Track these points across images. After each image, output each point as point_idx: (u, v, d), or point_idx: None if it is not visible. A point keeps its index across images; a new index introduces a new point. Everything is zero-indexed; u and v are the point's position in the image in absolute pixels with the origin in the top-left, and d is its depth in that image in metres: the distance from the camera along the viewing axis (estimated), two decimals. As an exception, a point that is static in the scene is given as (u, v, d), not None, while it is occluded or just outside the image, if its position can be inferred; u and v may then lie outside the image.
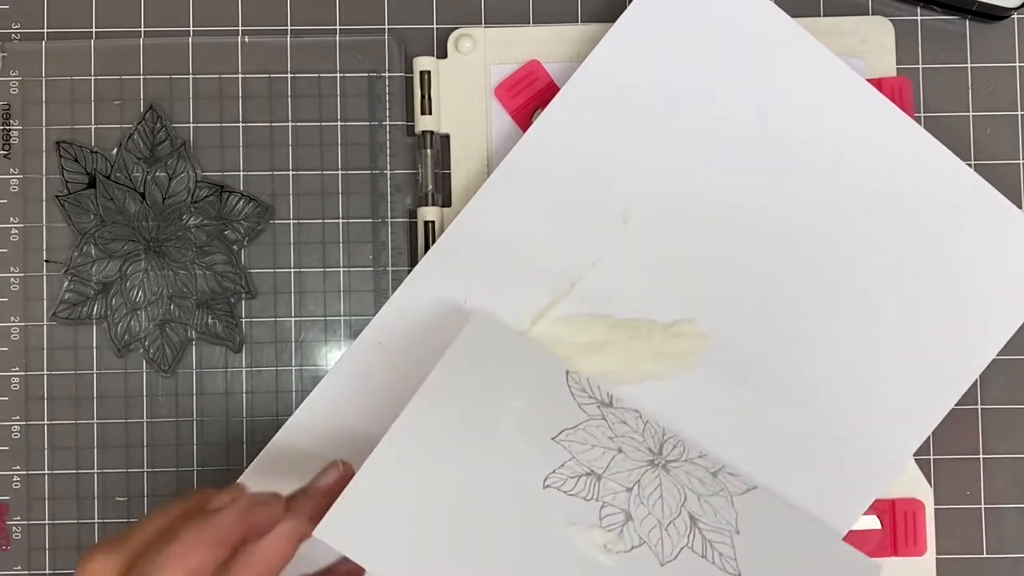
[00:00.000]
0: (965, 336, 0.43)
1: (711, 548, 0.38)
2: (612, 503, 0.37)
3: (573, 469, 0.38)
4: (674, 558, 0.37)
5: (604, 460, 0.39)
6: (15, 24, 0.47)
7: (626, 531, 0.37)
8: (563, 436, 0.38)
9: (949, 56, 0.47)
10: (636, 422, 0.40)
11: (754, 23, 0.43)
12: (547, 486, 0.37)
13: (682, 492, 0.39)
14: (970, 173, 0.43)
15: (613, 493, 0.38)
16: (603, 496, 0.38)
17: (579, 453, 0.38)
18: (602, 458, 0.39)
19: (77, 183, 0.46)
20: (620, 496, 0.38)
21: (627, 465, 0.39)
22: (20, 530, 0.45)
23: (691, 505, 0.39)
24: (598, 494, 0.37)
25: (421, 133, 0.45)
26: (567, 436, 0.39)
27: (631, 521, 0.37)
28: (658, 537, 0.37)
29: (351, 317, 0.46)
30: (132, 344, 0.45)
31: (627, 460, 0.39)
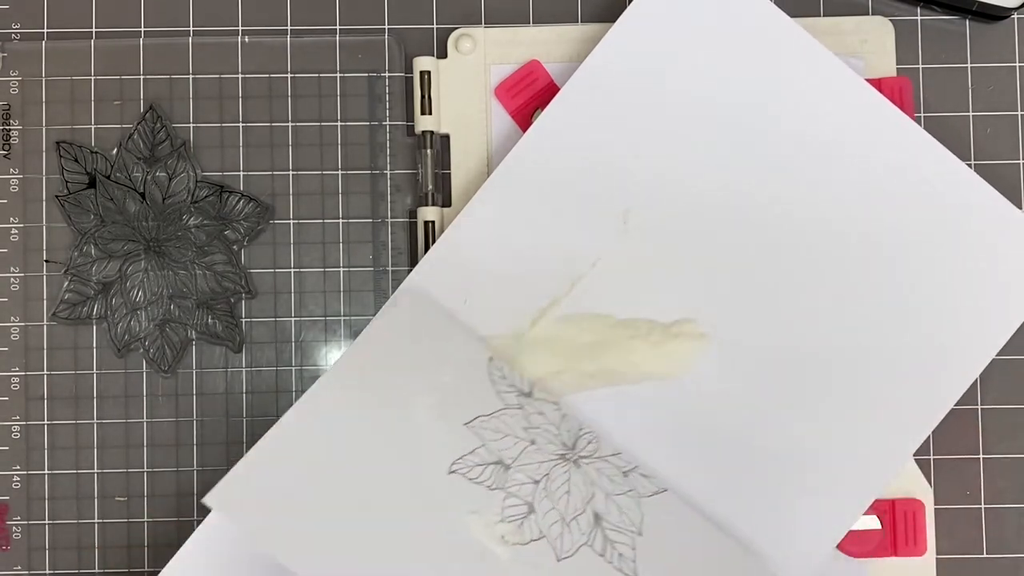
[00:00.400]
0: (965, 336, 0.43)
1: (611, 547, 0.37)
2: (517, 494, 0.37)
3: (482, 456, 0.37)
4: (572, 554, 0.36)
5: (515, 450, 0.38)
6: (15, 24, 0.47)
7: (527, 524, 0.36)
8: (477, 423, 0.38)
9: (949, 56, 0.47)
10: (554, 414, 0.40)
11: (754, 23, 0.43)
12: (452, 471, 0.36)
13: (590, 489, 0.38)
14: (970, 173, 0.43)
15: (519, 484, 0.37)
16: (509, 487, 0.37)
17: (490, 441, 0.37)
18: (513, 448, 0.38)
19: (77, 183, 0.46)
20: (526, 488, 0.37)
21: (538, 457, 0.38)
22: (20, 530, 0.45)
23: (597, 503, 0.38)
24: (504, 484, 0.37)
25: (421, 133, 0.45)
26: (481, 423, 0.38)
27: (533, 514, 0.36)
28: (559, 532, 0.37)
29: (351, 317, 0.46)
30: (132, 344, 0.45)
31: (539, 452, 0.38)
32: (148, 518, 0.45)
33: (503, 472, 0.37)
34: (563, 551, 0.36)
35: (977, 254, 0.43)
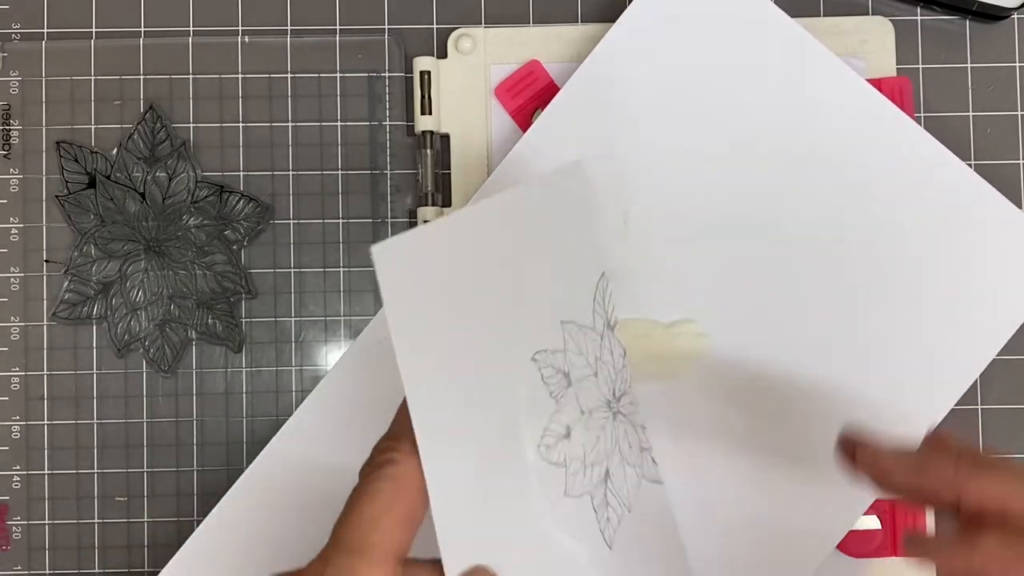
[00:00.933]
0: (965, 336, 0.43)
1: (606, 508, 0.36)
2: (564, 414, 0.35)
3: (559, 362, 0.35)
4: (576, 496, 0.35)
5: (581, 373, 0.36)
6: (15, 24, 0.47)
7: (559, 446, 0.34)
8: (571, 327, 0.36)
9: (949, 56, 0.47)
10: (618, 359, 0.38)
11: (754, 23, 0.43)
12: (534, 359, 0.34)
13: (614, 445, 0.37)
14: (970, 173, 0.43)
15: (570, 407, 0.35)
16: (562, 404, 0.35)
17: (571, 351, 0.36)
18: (581, 369, 0.36)
19: (77, 183, 0.46)
20: (573, 413, 0.35)
21: (593, 391, 0.37)
22: (20, 530, 0.45)
23: (613, 462, 0.37)
24: (560, 398, 0.35)
25: (421, 133, 0.45)
26: (572, 332, 0.36)
27: (567, 441, 0.35)
28: (576, 470, 0.35)
29: (351, 317, 0.46)
30: (132, 344, 0.45)
31: (595, 386, 0.37)
32: (148, 518, 0.45)
33: (565, 387, 0.35)
34: (571, 489, 0.35)
35: (977, 254, 0.43)
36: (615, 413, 0.38)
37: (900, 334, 0.43)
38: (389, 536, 0.27)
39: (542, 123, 0.44)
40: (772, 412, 0.42)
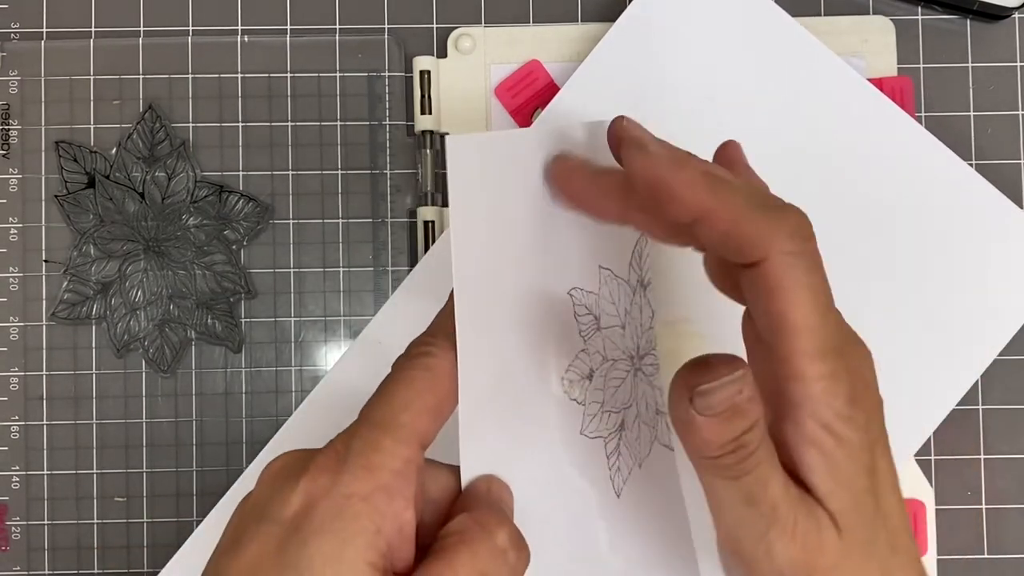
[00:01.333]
0: (966, 336, 0.42)
1: (617, 458, 0.36)
2: (589, 355, 0.35)
3: (592, 303, 0.35)
4: (590, 437, 0.35)
5: (610, 321, 0.36)
6: (14, 24, 0.47)
7: (581, 386, 0.34)
8: (606, 275, 0.35)
9: (950, 56, 0.47)
10: (646, 319, 0.38)
11: (754, 23, 0.43)
12: (570, 293, 0.34)
13: (631, 401, 0.37)
14: (971, 173, 0.43)
15: (597, 351, 0.35)
16: (589, 343, 0.35)
17: (604, 296, 0.35)
18: (610, 318, 0.36)
19: (76, 183, 0.46)
20: (597, 357, 0.35)
21: (619, 342, 0.36)
22: (19, 530, 0.45)
23: (629, 416, 0.37)
24: (588, 339, 0.34)
25: (421, 133, 0.45)
26: (607, 279, 0.35)
27: (589, 381, 0.35)
28: (594, 412, 0.35)
29: (351, 317, 0.46)
30: (131, 344, 0.45)
31: (621, 338, 0.36)
32: (147, 518, 0.45)
33: (594, 330, 0.35)
34: (586, 429, 0.34)
35: (978, 253, 0.43)
36: (636, 370, 0.37)
37: (900, 334, 0.42)
38: (419, 420, 0.27)
39: (542, 123, 0.43)
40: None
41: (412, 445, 0.27)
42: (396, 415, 0.27)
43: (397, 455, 0.26)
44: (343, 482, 0.26)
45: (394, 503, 0.26)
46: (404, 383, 0.28)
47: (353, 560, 0.25)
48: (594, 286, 0.35)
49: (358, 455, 0.26)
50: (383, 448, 0.26)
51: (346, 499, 0.26)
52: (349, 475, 0.26)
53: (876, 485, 0.28)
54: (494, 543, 0.27)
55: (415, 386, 0.28)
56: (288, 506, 0.26)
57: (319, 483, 0.26)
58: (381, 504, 0.26)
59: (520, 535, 0.28)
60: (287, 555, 0.25)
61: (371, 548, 0.25)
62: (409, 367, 0.28)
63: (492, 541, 0.27)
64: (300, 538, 0.25)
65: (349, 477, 0.26)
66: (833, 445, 0.27)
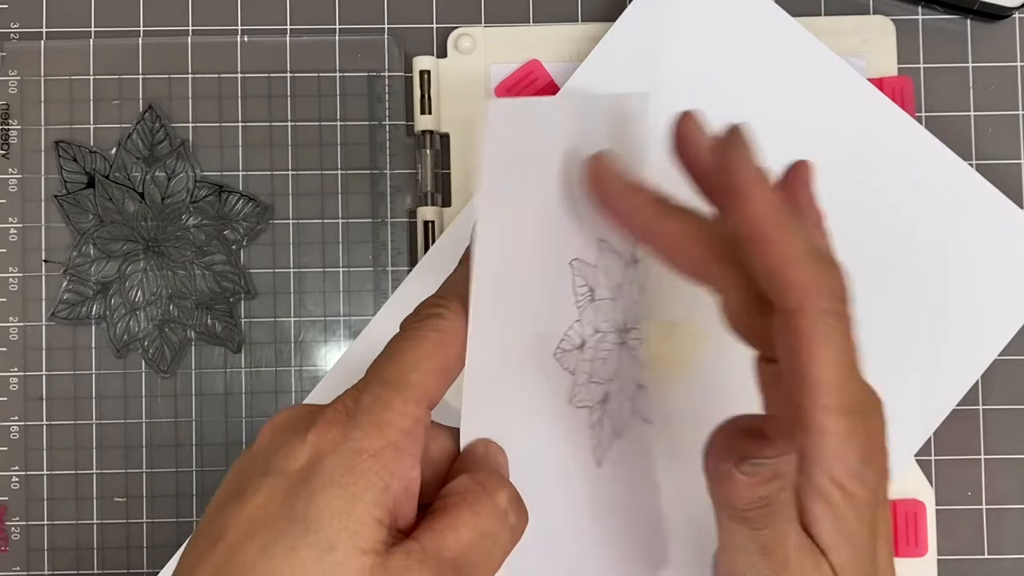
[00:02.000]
0: (966, 336, 0.42)
1: (599, 429, 0.36)
2: (581, 326, 0.34)
3: (591, 275, 0.35)
4: (577, 407, 0.35)
5: (603, 294, 0.36)
6: (14, 24, 0.47)
7: (571, 356, 0.34)
8: (604, 248, 0.35)
9: (950, 56, 0.47)
10: (636, 294, 0.38)
11: (755, 22, 0.43)
12: (571, 264, 0.34)
13: (616, 373, 0.37)
14: (971, 173, 0.43)
15: (588, 322, 0.35)
16: (583, 314, 0.34)
17: (600, 269, 0.35)
18: (604, 291, 0.36)
19: (76, 183, 0.46)
20: (588, 328, 0.35)
21: (610, 315, 0.36)
22: (19, 531, 0.45)
23: (612, 388, 0.37)
24: (583, 310, 0.34)
25: (421, 133, 0.45)
26: (607, 249, 0.35)
27: (579, 351, 0.35)
28: (582, 383, 0.35)
29: (351, 317, 0.46)
30: (131, 344, 0.45)
31: (611, 311, 0.36)
32: (147, 519, 0.45)
33: (589, 301, 0.35)
34: (574, 399, 0.35)
35: (979, 253, 0.43)
36: (622, 343, 0.37)
37: (901, 334, 0.42)
38: (428, 380, 0.27)
39: (542, 123, 0.43)
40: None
41: (421, 405, 0.27)
42: (406, 374, 0.27)
43: (407, 414, 0.26)
44: (354, 437, 0.26)
45: (402, 461, 0.26)
46: (415, 343, 0.28)
47: (362, 515, 0.25)
48: (593, 258, 0.35)
49: (368, 411, 0.26)
50: (393, 406, 0.26)
51: (356, 454, 0.25)
52: (360, 431, 0.26)
53: (875, 539, 0.29)
54: (495, 504, 0.27)
55: (425, 347, 0.28)
56: (295, 459, 0.26)
57: (328, 437, 0.26)
58: (390, 461, 0.26)
59: (519, 497, 0.28)
60: (295, 507, 0.25)
61: (379, 504, 0.25)
62: (420, 327, 0.28)
63: (493, 501, 0.27)
64: (308, 490, 0.25)
65: (360, 433, 0.26)
66: (842, 500, 0.28)
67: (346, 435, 0.26)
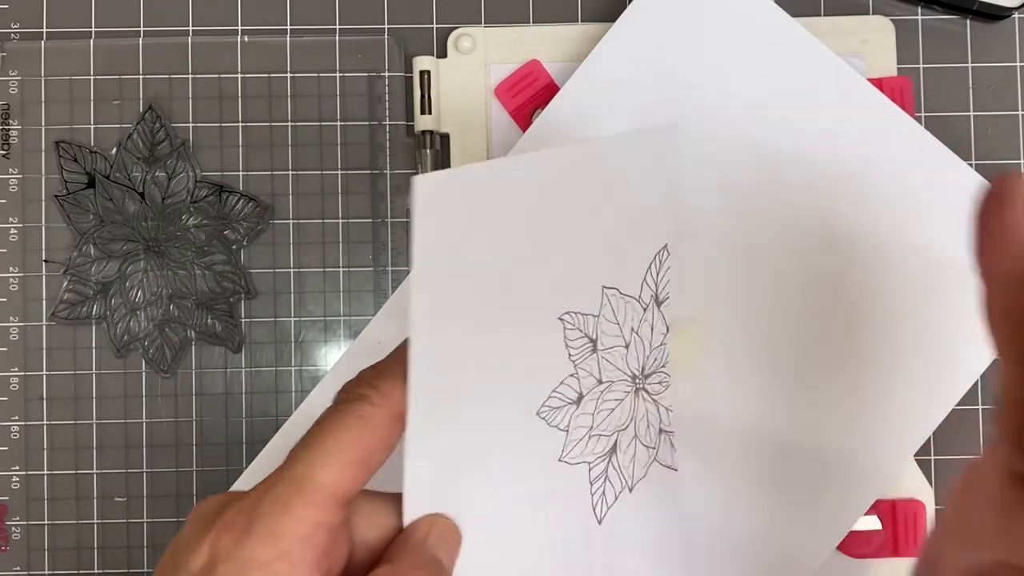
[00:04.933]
0: (966, 336, 0.42)
1: (604, 483, 0.34)
2: (577, 379, 0.33)
3: (589, 326, 0.33)
4: (572, 463, 0.33)
5: (611, 341, 0.34)
6: (14, 24, 0.47)
7: (563, 412, 0.32)
8: (611, 295, 0.33)
9: (950, 56, 0.47)
10: (658, 336, 0.36)
11: (754, 22, 0.43)
12: (561, 318, 0.32)
13: (630, 422, 0.35)
14: (971, 173, 0.43)
15: (588, 374, 0.33)
16: (580, 367, 0.33)
17: (605, 316, 0.33)
18: (612, 338, 0.34)
19: (76, 183, 0.46)
20: (588, 381, 0.33)
21: (619, 363, 0.34)
22: (19, 531, 0.45)
23: (624, 437, 0.35)
24: (579, 362, 0.33)
25: (421, 133, 0.45)
26: (612, 298, 0.33)
27: (575, 407, 0.33)
28: (578, 439, 0.33)
29: (351, 317, 0.46)
30: (131, 344, 0.45)
31: (623, 359, 0.34)
32: (147, 518, 0.45)
33: (588, 352, 0.33)
34: (568, 456, 0.33)
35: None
36: (638, 389, 0.36)
37: (901, 334, 0.42)
38: (340, 475, 0.26)
39: (542, 123, 0.43)
40: (774, 411, 0.42)
41: (327, 506, 0.26)
42: (314, 472, 0.26)
43: (307, 519, 0.26)
44: (247, 545, 0.25)
45: (296, 570, 0.25)
46: (332, 433, 0.27)
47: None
48: (593, 307, 0.33)
49: (267, 515, 0.26)
50: (293, 511, 0.26)
51: (246, 563, 0.25)
52: (254, 537, 0.25)
53: None
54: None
55: (342, 438, 0.27)
56: (196, 560, 0.26)
57: (222, 543, 0.25)
58: (282, 571, 0.25)
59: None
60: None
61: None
62: (344, 412, 0.27)
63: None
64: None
65: (253, 540, 0.25)
66: None
67: (240, 542, 0.25)
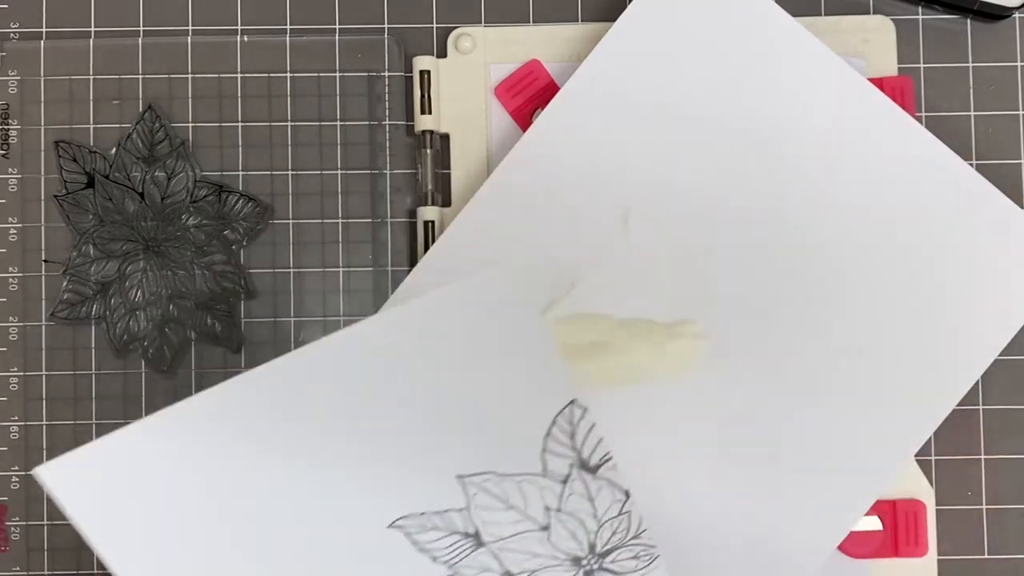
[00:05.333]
0: (967, 336, 0.42)
1: None
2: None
3: (456, 522, 0.28)
4: None
5: (509, 529, 0.29)
6: (14, 23, 0.47)
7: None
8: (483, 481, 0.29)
9: (950, 56, 0.47)
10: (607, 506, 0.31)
11: (755, 22, 0.43)
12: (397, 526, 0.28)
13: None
14: (972, 173, 0.43)
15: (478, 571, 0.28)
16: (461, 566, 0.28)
17: (483, 506, 0.29)
18: (509, 526, 0.29)
19: (76, 183, 0.46)
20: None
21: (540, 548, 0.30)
22: (19, 531, 0.45)
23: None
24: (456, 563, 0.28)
25: (421, 133, 0.45)
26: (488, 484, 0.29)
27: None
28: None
29: (351, 317, 0.46)
30: (131, 344, 0.45)
31: (544, 544, 0.30)
32: (147, 519, 0.45)
33: (471, 549, 0.29)
34: None
35: (979, 253, 0.43)
36: (590, 571, 0.31)
37: (900, 334, 0.42)
38: None
39: (542, 123, 0.43)
40: (774, 411, 0.42)
41: None
42: None
43: None
44: None
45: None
46: None
47: None
48: (455, 501, 0.29)
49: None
50: None
51: None
52: None
53: None
54: None
55: None
56: None
57: None
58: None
59: None
60: None
61: None
62: None
63: None
64: None
65: None
66: None
67: None
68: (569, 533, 0.31)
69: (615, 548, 0.31)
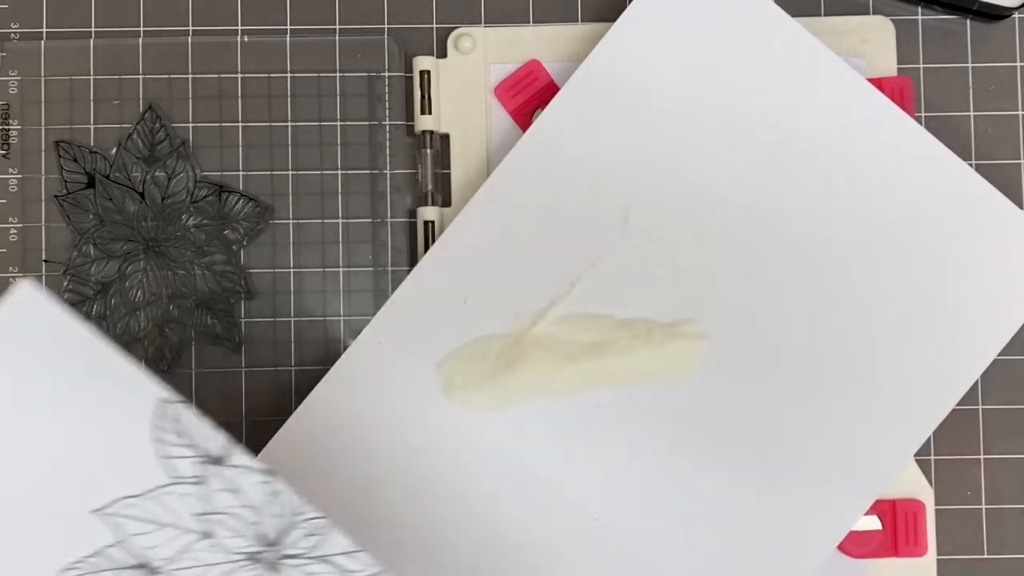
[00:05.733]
0: (966, 336, 0.42)
1: None
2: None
3: (113, 559, 0.27)
4: None
5: (172, 547, 0.28)
6: (14, 23, 0.47)
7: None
8: (118, 507, 0.27)
9: (950, 56, 0.47)
10: (257, 491, 0.29)
11: (754, 22, 0.43)
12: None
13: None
14: (971, 173, 0.43)
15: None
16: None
17: (134, 535, 0.27)
18: (170, 544, 0.28)
19: (76, 183, 0.46)
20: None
21: (211, 557, 0.28)
22: (19, 531, 0.45)
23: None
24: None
25: (421, 133, 0.45)
26: (124, 507, 0.27)
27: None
28: None
29: (351, 317, 0.46)
30: (131, 344, 0.45)
31: (214, 550, 0.28)
32: (147, 519, 0.45)
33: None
34: None
35: (978, 254, 0.43)
36: (273, 564, 0.29)
37: (901, 334, 0.42)
38: None
39: (542, 123, 0.44)
40: (774, 410, 0.42)
41: None
42: None
43: None
44: None
45: None
46: None
47: None
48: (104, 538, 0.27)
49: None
50: None
51: None
52: None
53: None
54: None
55: None
56: None
57: None
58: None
59: None
60: None
61: None
62: None
63: None
64: None
65: None
66: None
67: None
68: (231, 531, 0.29)
69: (285, 531, 0.30)
